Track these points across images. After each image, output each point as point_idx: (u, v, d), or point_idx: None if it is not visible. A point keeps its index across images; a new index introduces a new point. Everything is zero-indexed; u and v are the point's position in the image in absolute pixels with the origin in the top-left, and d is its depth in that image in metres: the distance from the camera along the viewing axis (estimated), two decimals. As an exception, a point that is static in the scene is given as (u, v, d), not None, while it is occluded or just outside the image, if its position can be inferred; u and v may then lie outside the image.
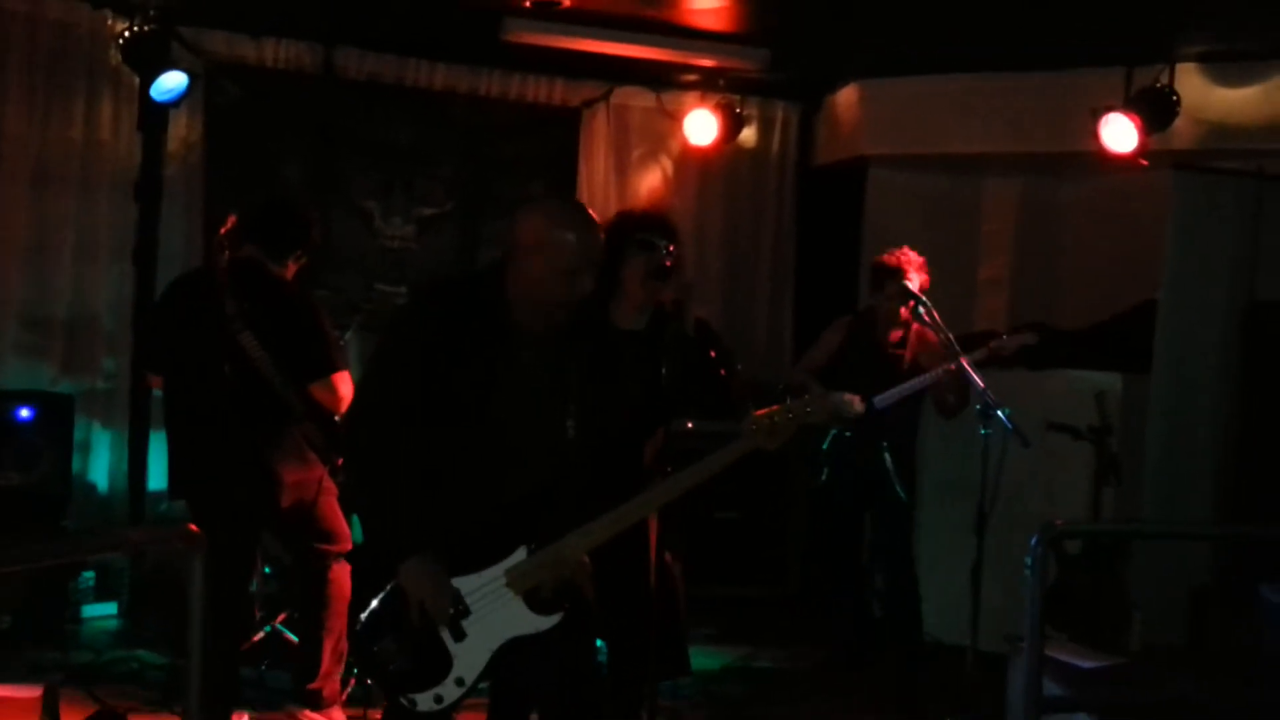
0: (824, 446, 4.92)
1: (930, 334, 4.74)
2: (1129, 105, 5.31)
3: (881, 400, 4.69)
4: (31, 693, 3.95)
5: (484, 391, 2.73)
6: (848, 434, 4.78)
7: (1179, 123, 5.36)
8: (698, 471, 2.80)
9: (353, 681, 4.33)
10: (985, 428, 4.23)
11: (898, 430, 4.87)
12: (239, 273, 4.04)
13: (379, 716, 3.02)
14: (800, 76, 6.55)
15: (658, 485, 2.88)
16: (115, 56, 5.57)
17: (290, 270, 4.21)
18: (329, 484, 4.14)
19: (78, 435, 5.54)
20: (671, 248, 3.74)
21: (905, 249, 4.82)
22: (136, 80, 5.51)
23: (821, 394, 3.03)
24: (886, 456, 4.80)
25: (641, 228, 3.75)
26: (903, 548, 4.93)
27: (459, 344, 2.72)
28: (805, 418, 2.83)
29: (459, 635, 2.70)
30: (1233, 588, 5.38)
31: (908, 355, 4.90)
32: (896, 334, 4.92)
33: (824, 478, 4.90)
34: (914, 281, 4.69)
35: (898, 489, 4.81)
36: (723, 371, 3.91)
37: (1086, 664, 4.07)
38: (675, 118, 6.64)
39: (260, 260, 4.10)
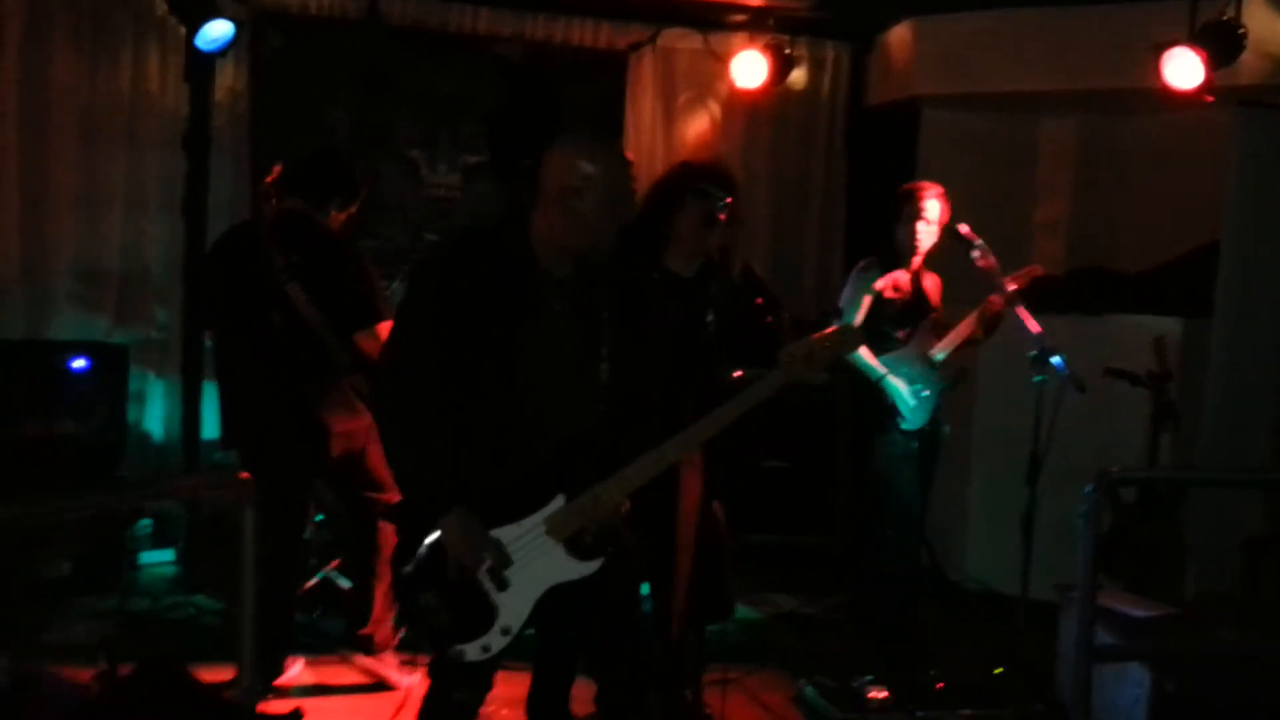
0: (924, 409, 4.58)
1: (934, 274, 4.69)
2: (1194, 39, 5.11)
3: (940, 350, 4.56)
4: (91, 638, 4.05)
5: (513, 339, 2.71)
6: (925, 393, 4.55)
7: (1245, 57, 5.15)
8: (736, 405, 2.77)
9: (404, 627, 4.39)
10: (1040, 374, 4.14)
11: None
12: (285, 224, 4.05)
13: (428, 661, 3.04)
14: (851, 15, 6.40)
15: (696, 423, 2.82)
16: (161, 6, 5.58)
17: (337, 220, 4.21)
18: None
19: (132, 385, 5.62)
20: (729, 200, 3.74)
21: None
22: (182, 30, 5.51)
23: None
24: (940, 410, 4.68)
25: (699, 177, 3.78)
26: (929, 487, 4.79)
27: (485, 293, 2.70)
28: (842, 346, 2.79)
29: (502, 585, 2.71)
30: (1291, 536, 5.29)
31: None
32: (927, 280, 4.71)
33: (914, 444, 4.57)
34: (938, 218, 4.53)
35: (941, 438, 4.71)
36: (769, 319, 3.87)
37: (1139, 613, 4.02)
38: (723, 60, 6.52)
39: (306, 211, 4.11)
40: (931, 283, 4.74)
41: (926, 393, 4.56)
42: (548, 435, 2.74)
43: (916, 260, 4.65)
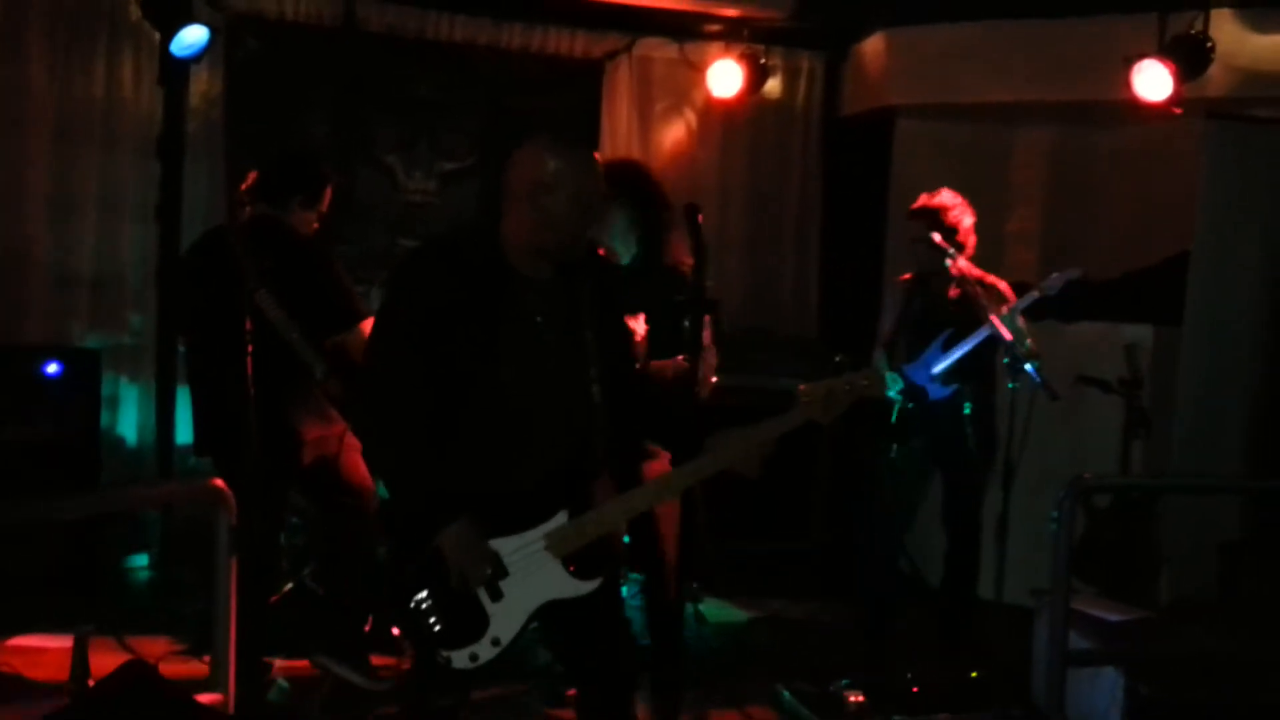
0: (891, 420, 4.50)
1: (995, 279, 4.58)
2: (1162, 52, 5.19)
3: (935, 369, 4.47)
4: (64, 643, 4.00)
5: (492, 343, 2.67)
6: (910, 405, 4.46)
7: (1213, 70, 5.23)
8: (746, 439, 2.73)
9: (373, 630, 4.36)
10: (1013, 381, 4.17)
11: (975, 384, 4.55)
12: (256, 231, 4.03)
13: (406, 667, 3.03)
14: (826, 25, 6.45)
15: (706, 453, 2.76)
16: (135, 12, 5.55)
17: (305, 221, 4.19)
18: (351, 440, 4.14)
19: (105, 390, 5.57)
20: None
21: (942, 191, 4.60)
22: (157, 36, 5.48)
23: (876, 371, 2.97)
24: (966, 417, 4.53)
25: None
26: (972, 508, 4.64)
27: (457, 296, 2.66)
28: (863, 391, 2.75)
29: (496, 596, 2.68)
30: (1262, 541, 5.35)
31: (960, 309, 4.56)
32: (955, 291, 4.55)
33: (894, 453, 4.51)
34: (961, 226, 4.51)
35: (969, 447, 4.53)
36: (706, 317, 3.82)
37: (1114, 617, 4.05)
38: (698, 69, 6.56)
39: (276, 217, 4.10)
40: (969, 292, 4.50)
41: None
42: (541, 446, 2.71)
43: (947, 272, 4.51)
